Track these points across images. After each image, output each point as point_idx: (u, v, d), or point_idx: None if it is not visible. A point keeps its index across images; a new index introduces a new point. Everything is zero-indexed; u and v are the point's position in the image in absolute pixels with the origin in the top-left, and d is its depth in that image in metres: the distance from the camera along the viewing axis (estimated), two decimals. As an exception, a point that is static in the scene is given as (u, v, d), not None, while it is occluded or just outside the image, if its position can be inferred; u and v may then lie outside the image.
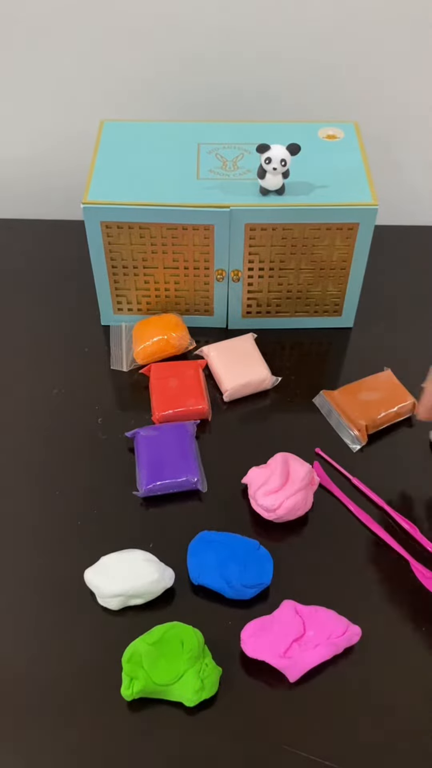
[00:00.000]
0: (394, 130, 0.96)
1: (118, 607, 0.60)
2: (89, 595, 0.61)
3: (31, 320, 0.86)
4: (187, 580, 0.62)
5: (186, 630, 0.56)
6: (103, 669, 0.57)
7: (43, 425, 0.75)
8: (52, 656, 0.58)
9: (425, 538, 0.65)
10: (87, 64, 0.90)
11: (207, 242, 0.76)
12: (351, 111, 0.89)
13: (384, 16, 0.85)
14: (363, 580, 0.63)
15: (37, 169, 1.01)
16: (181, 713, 0.55)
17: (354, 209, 0.74)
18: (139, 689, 0.54)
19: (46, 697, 0.56)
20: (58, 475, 0.70)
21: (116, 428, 0.74)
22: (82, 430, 0.74)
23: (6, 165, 1.00)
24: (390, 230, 0.92)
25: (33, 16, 0.85)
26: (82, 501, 0.68)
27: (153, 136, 0.81)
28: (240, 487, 0.69)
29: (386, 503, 0.68)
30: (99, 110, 0.89)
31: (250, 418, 0.76)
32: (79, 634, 0.59)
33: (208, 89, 0.92)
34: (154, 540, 0.65)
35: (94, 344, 0.83)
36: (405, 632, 0.60)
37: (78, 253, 0.82)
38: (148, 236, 0.76)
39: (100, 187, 0.75)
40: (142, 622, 0.58)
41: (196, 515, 0.67)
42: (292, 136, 0.75)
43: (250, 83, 0.91)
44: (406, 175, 1.01)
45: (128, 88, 0.93)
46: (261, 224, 0.74)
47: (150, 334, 0.80)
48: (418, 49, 0.88)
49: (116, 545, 0.63)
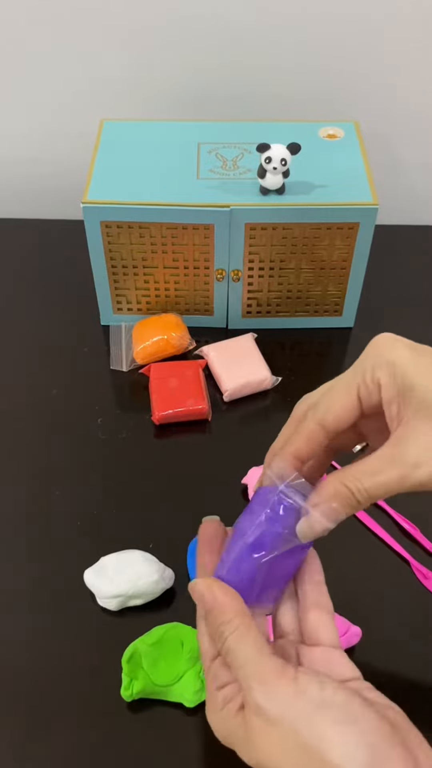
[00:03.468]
0: (394, 130, 0.95)
1: (117, 607, 0.60)
2: (89, 595, 0.61)
3: (30, 320, 0.86)
4: (187, 581, 0.62)
5: (186, 630, 0.56)
6: (103, 669, 0.56)
7: (43, 425, 0.75)
8: (51, 657, 0.58)
9: (425, 538, 0.65)
10: (87, 64, 0.90)
11: (207, 242, 0.76)
12: (351, 111, 0.89)
13: (384, 15, 0.85)
14: (363, 580, 0.63)
15: (37, 169, 1.01)
16: (181, 713, 0.55)
17: (354, 209, 0.73)
18: (139, 690, 0.54)
19: (46, 697, 0.56)
20: (57, 475, 0.70)
21: (116, 428, 0.74)
22: (81, 430, 0.74)
23: (6, 165, 1.00)
24: (390, 230, 0.92)
25: (33, 16, 0.85)
26: (82, 501, 0.68)
27: (153, 136, 0.81)
28: (240, 488, 0.69)
29: (386, 503, 0.68)
30: (99, 110, 0.89)
31: (250, 418, 0.76)
32: (79, 635, 0.59)
33: (208, 89, 0.92)
34: (154, 540, 0.64)
35: (93, 344, 0.83)
36: (405, 632, 0.59)
37: (78, 253, 0.82)
38: (148, 236, 0.75)
39: (100, 187, 0.75)
40: (142, 622, 0.58)
41: (196, 515, 0.67)
42: (292, 135, 0.74)
43: (250, 83, 0.91)
44: (406, 175, 1.01)
45: (128, 88, 0.92)
46: (261, 224, 0.74)
47: (150, 334, 0.79)
48: (419, 49, 0.88)
49: (116, 545, 0.63)
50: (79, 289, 0.86)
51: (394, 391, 0.37)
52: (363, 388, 0.38)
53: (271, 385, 0.78)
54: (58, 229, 0.97)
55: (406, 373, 0.37)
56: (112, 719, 0.54)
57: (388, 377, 0.37)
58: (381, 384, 0.37)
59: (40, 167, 1.00)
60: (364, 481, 0.36)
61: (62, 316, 0.86)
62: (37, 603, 0.61)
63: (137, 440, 0.74)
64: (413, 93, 0.92)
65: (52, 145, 0.98)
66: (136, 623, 0.58)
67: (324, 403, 0.39)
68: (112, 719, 0.54)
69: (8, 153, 0.99)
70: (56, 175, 1.00)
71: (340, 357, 0.83)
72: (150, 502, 0.68)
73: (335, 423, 0.39)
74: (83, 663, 0.58)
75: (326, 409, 0.39)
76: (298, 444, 0.40)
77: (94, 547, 0.63)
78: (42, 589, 0.62)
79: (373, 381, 0.38)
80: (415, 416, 0.36)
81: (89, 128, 0.84)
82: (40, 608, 0.61)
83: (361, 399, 0.38)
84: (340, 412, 0.38)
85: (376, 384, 0.38)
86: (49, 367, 0.81)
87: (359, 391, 0.38)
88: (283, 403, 0.77)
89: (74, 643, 0.59)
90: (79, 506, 0.68)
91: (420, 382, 0.36)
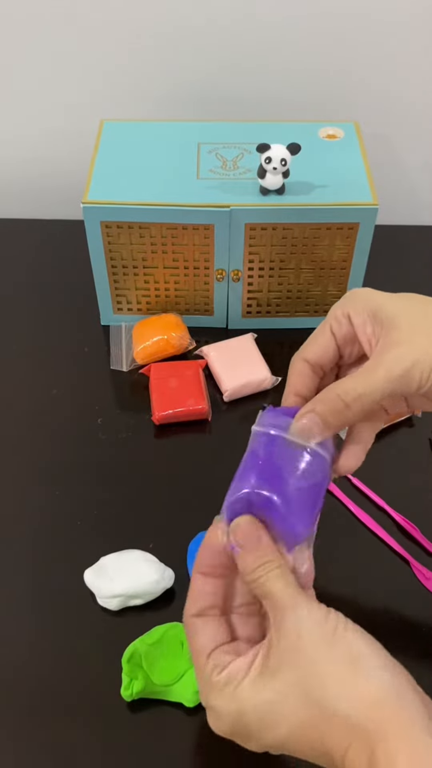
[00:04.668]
0: (394, 130, 0.95)
1: (117, 607, 0.60)
2: (89, 595, 0.61)
3: (30, 320, 0.86)
4: (187, 580, 0.61)
5: (186, 630, 0.56)
6: (103, 669, 0.56)
7: (43, 425, 0.75)
8: (51, 656, 0.58)
9: (425, 538, 0.65)
10: (87, 64, 0.90)
11: (207, 242, 0.76)
12: (351, 111, 0.89)
13: (385, 15, 0.85)
14: (363, 580, 0.63)
15: (37, 169, 1.01)
16: (181, 713, 0.55)
17: (354, 209, 0.74)
18: (139, 690, 0.54)
19: (46, 697, 0.56)
20: (57, 475, 0.70)
21: (116, 428, 0.74)
22: (81, 430, 0.74)
23: (6, 165, 1.00)
24: (390, 230, 0.92)
25: (33, 16, 0.85)
26: (82, 501, 0.68)
27: (153, 136, 0.81)
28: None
29: (386, 503, 0.68)
30: (99, 110, 0.89)
31: (250, 418, 0.75)
32: (79, 635, 0.59)
33: (208, 89, 0.92)
34: (154, 540, 0.64)
35: (93, 344, 0.83)
36: (405, 633, 0.59)
37: (78, 252, 0.82)
38: (148, 236, 0.75)
39: (100, 187, 0.75)
40: (142, 622, 0.58)
41: (196, 515, 0.67)
42: (292, 135, 0.74)
43: (250, 83, 0.91)
44: (406, 175, 1.01)
45: (128, 88, 0.92)
46: (261, 224, 0.74)
47: (150, 334, 0.79)
48: (419, 49, 0.88)
49: (116, 545, 0.63)
50: (79, 289, 0.86)
51: (364, 315, 0.43)
52: (334, 322, 0.45)
53: (271, 385, 0.78)
54: (58, 229, 0.97)
55: (371, 299, 0.43)
56: (112, 719, 0.54)
57: (356, 306, 0.44)
58: (350, 314, 0.44)
59: (40, 167, 1.00)
60: (348, 383, 0.41)
61: (62, 316, 0.86)
62: (37, 603, 0.61)
63: (137, 440, 0.74)
64: (413, 93, 0.92)
65: (52, 145, 0.98)
66: (136, 623, 0.58)
67: (305, 344, 0.47)
68: (112, 719, 0.54)
69: (8, 153, 0.99)
70: (56, 175, 1.00)
71: (340, 357, 0.83)
72: (150, 502, 0.68)
73: (314, 356, 0.45)
74: (83, 663, 0.58)
75: (305, 347, 0.46)
76: (291, 381, 0.46)
77: (94, 547, 0.63)
78: (42, 589, 0.62)
79: (343, 314, 0.44)
80: (388, 333, 0.41)
81: (89, 128, 0.84)
82: (40, 608, 0.61)
83: (334, 332, 0.45)
84: (316, 347, 0.45)
85: (345, 316, 0.44)
86: (49, 367, 0.81)
87: (331, 327, 0.45)
88: (283, 403, 0.77)
89: (74, 643, 0.59)
90: (79, 506, 0.68)
91: (385, 302, 0.43)
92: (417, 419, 0.75)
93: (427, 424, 0.74)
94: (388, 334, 0.41)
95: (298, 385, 0.46)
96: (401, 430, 0.74)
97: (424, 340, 0.40)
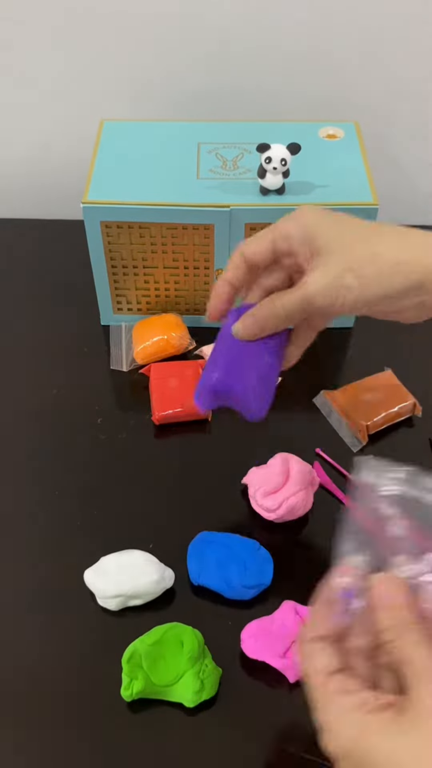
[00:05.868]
0: (395, 130, 0.95)
1: (117, 607, 0.60)
2: (89, 595, 0.61)
3: (30, 320, 0.86)
4: (187, 581, 0.62)
5: (186, 630, 0.56)
6: (103, 669, 0.56)
7: (43, 425, 0.75)
8: (51, 656, 0.58)
9: (425, 538, 0.65)
10: (87, 64, 0.90)
11: (207, 242, 0.76)
12: (351, 111, 0.89)
13: (385, 15, 0.85)
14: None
15: (37, 169, 1.01)
16: (181, 713, 0.55)
17: (354, 209, 0.73)
18: (139, 690, 0.54)
19: (46, 697, 0.56)
20: (58, 476, 0.70)
21: (116, 428, 0.74)
22: (81, 430, 0.74)
23: (6, 165, 1.00)
24: (390, 230, 0.92)
25: (33, 16, 0.85)
26: (82, 501, 0.68)
27: (153, 136, 0.81)
28: (240, 487, 0.69)
29: (386, 503, 0.68)
30: (99, 110, 0.89)
31: (250, 418, 0.76)
32: (79, 635, 0.59)
33: (208, 89, 0.92)
34: (154, 540, 0.64)
35: (93, 344, 0.83)
36: None
37: (78, 252, 0.82)
38: (148, 236, 0.75)
39: (100, 187, 0.75)
40: (142, 622, 0.58)
41: (196, 515, 0.67)
42: (292, 135, 0.74)
43: (250, 83, 0.91)
44: (406, 175, 1.01)
45: (128, 88, 0.92)
46: (261, 224, 0.74)
47: (150, 334, 0.79)
48: (419, 49, 0.88)
49: (116, 545, 0.63)
50: (79, 289, 0.86)
51: (303, 243, 0.49)
52: (277, 233, 0.51)
53: (271, 385, 0.77)
54: (58, 229, 0.97)
55: (310, 231, 0.49)
56: (112, 719, 0.54)
57: (296, 229, 0.50)
58: (290, 234, 0.50)
59: (40, 167, 1.00)
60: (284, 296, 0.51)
61: (62, 316, 0.86)
62: (37, 603, 0.61)
63: (137, 440, 0.74)
64: (413, 93, 0.92)
65: (52, 145, 0.98)
66: (136, 623, 0.58)
67: (249, 241, 0.53)
68: (112, 719, 0.54)
69: (8, 153, 0.99)
70: (56, 175, 1.00)
71: (339, 357, 0.83)
72: (150, 503, 0.68)
73: (252, 255, 0.52)
74: (83, 663, 0.58)
75: (248, 244, 0.52)
76: (227, 269, 0.54)
77: (94, 547, 0.63)
78: (42, 589, 0.62)
79: (284, 230, 0.50)
80: (316, 259, 0.49)
81: (89, 128, 0.84)
82: (40, 608, 0.61)
83: (274, 242, 0.51)
84: (256, 248, 0.52)
85: (286, 233, 0.50)
86: (49, 367, 0.81)
87: (273, 235, 0.51)
88: (283, 403, 0.77)
89: (74, 643, 0.59)
90: (79, 506, 0.68)
91: (321, 234, 0.49)
92: (417, 419, 0.75)
93: (427, 424, 0.74)
94: (315, 259, 0.49)
95: (231, 276, 0.53)
96: (401, 430, 0.74)
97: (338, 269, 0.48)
